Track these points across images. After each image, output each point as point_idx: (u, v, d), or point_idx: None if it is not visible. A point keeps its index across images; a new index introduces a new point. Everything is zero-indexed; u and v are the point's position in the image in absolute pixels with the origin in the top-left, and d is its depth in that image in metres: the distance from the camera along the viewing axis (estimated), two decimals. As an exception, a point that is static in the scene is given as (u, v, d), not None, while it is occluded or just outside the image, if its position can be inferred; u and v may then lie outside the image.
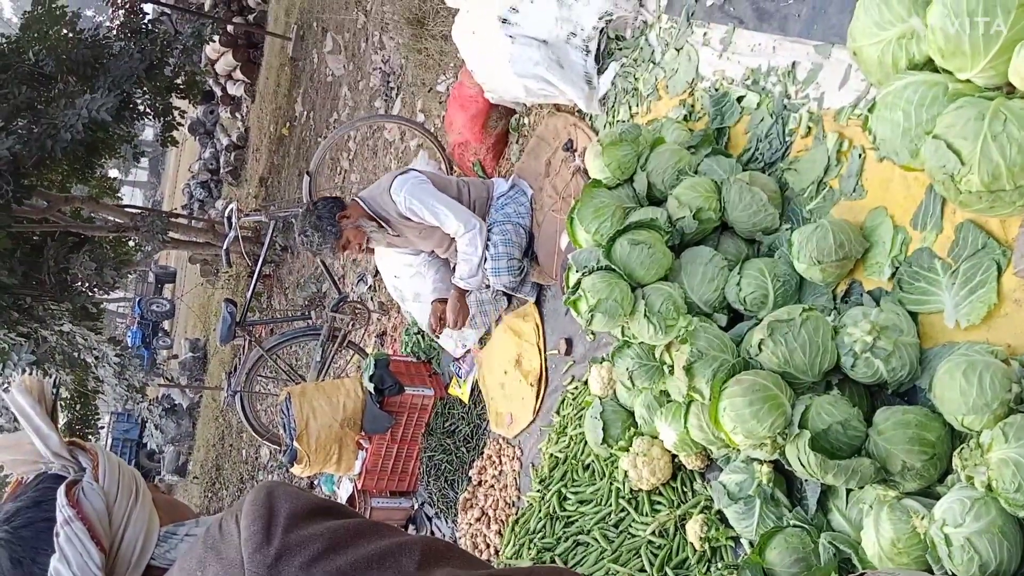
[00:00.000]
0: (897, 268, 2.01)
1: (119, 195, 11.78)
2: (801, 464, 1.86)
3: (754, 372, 1.99)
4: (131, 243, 9.54)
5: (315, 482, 5.74)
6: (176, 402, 15.66)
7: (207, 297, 14.72)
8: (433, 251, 3.84)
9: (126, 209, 9.21)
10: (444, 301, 3.72)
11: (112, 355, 7.66)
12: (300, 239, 3.59)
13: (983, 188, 1.65)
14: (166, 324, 20.03)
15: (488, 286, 3.67)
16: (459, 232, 3.46)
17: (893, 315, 1.94)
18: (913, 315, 1.95)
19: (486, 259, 3.47)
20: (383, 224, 3.55)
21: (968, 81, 1.72)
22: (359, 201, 3.61)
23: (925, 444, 1.75)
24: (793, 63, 2.38)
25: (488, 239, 3.50)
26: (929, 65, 1.80)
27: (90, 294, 7.58)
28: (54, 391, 1.12)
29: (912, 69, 1.83)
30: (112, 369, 7.79)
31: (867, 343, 1.90)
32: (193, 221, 11.50)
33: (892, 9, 1.84)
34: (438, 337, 3.95)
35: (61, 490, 1.01)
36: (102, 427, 17.52)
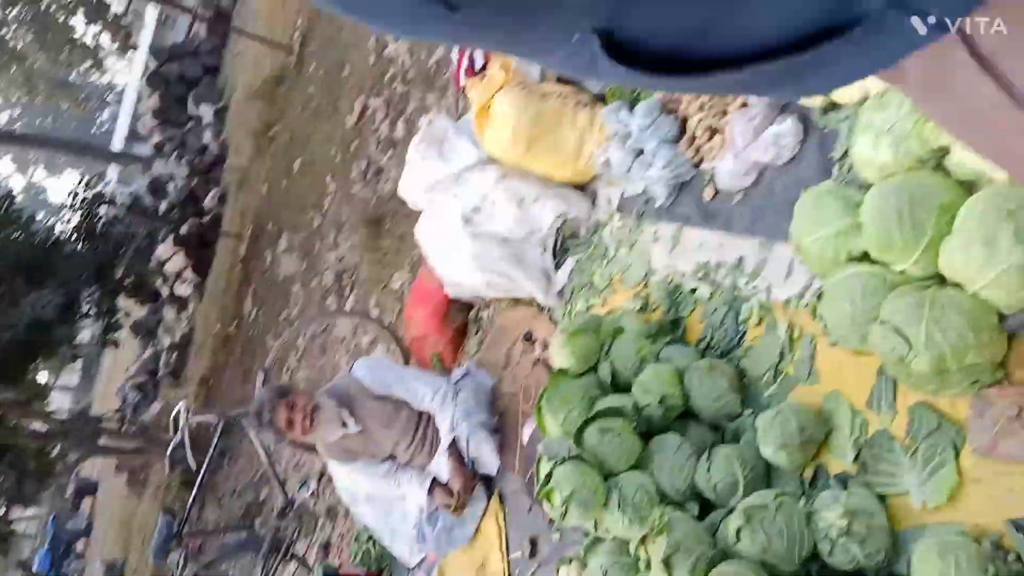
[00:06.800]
0: (860, 451, 2.03)
1: (47, 401, 11.29)
2: (792, 662, 1.77)
3: (736, 562, 1.93)
4: (55, 451, 9.05)
5: None
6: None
7: (129, 513, 13.65)
8: (392, 456, 3.68)
9: (53, 416, 8.83)
10: (440, 484, 3.50)
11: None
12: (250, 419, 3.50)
13: (930, 370, 1.75)
14: (80, 544, 18.31)
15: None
16: (427, 397, 3.47)
17: (862, 498, 1.94)
18: (882, 497, 1.96)
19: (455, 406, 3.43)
20: (343, 408, 3.47)
21: (903, 272, 1.88)
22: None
23: (913, 633, 1.69)
24: (740, 258, 2.55)
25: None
26: (867, 257, 1.96)
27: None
28: None
29: (851, 261, 1.99)
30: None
31: (842, 528, 1.88)
32: (125, 428, 11.03)
33: (826, 210, 2.04)
34: (459, 516, 3.52)
35: None
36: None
